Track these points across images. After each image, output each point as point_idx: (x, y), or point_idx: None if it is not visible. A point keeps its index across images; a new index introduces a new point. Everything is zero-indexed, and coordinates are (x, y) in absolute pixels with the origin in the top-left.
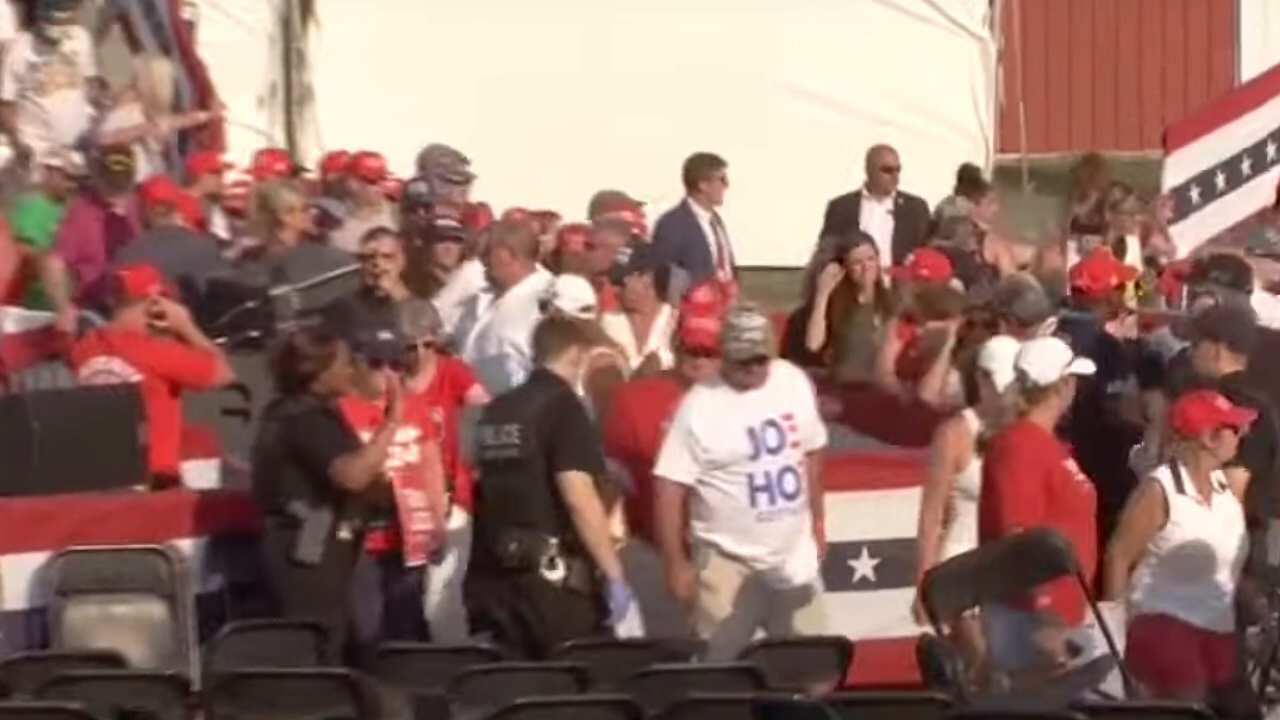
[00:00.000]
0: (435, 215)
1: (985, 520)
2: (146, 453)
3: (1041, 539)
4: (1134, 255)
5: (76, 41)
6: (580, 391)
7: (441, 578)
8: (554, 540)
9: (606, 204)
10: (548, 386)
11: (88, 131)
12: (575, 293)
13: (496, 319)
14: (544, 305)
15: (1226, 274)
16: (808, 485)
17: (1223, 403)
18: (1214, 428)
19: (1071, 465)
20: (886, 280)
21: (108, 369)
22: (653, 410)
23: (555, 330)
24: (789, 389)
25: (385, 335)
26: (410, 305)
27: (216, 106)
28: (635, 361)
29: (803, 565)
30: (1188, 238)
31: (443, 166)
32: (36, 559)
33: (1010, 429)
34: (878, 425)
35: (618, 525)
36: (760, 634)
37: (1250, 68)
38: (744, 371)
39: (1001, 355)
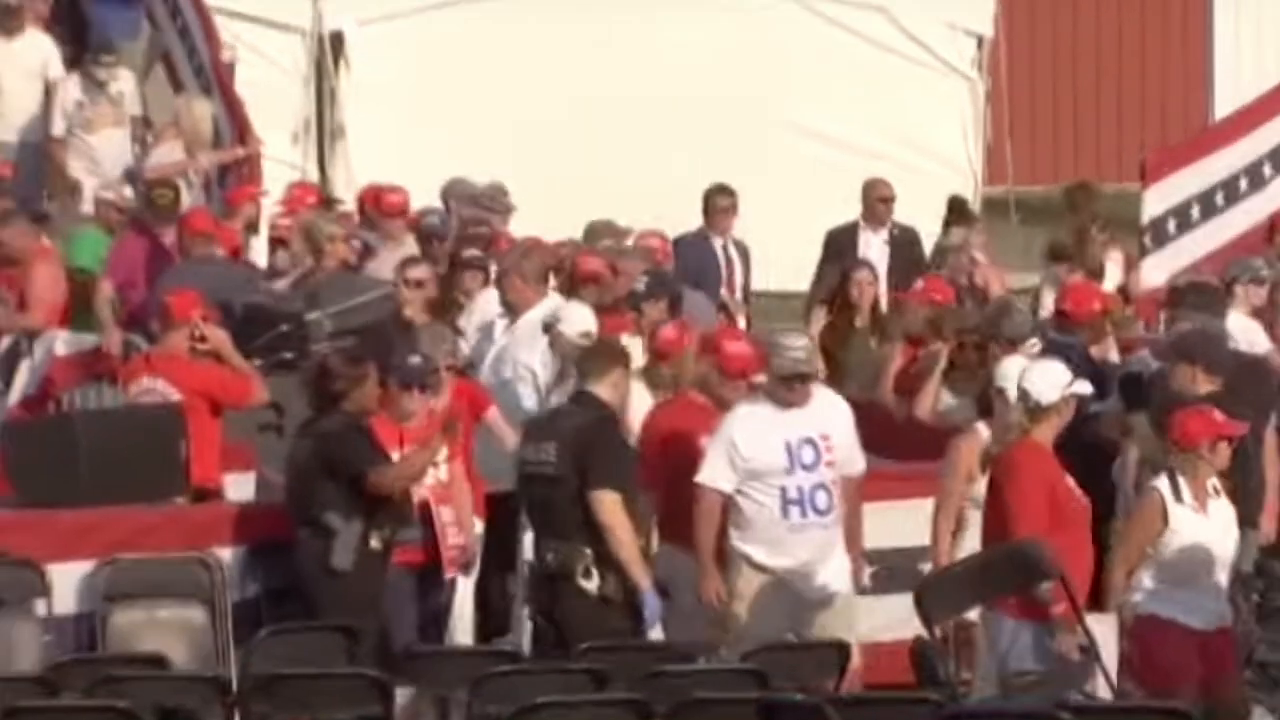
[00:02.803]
0: (458, 245)
1: (990, 532)
2: (187, 467)
3: (1026, 548)
4: (1113, 282)
5: (122, 82)
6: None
7: (464, 584)
8: (589, 551)
9: (599, 232)
10: (587, 408)
11: (133, 166)
12: (578, 318)
13: (511, 343)
14: (547, 328)
15: (1202, 299)
16: (847, 510)
17: (1219, 416)
18: (1211, 440)
19: (1070, 481)
20: (884, 304)
21: (152, 389)
22: (686, 429)
23: (599, 353)
24: (829, 412)
25: (415, 360)
26: (430, 329)
27: (253, 142)
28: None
29: (833, 578)
30: (1165, 266)
31: (488, 198)
32: (84, 567)
33: (1014, 446)
34: (874, 441)
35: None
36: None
37: (1224, 105)
38: (787, 388)
39: (1015, 374)
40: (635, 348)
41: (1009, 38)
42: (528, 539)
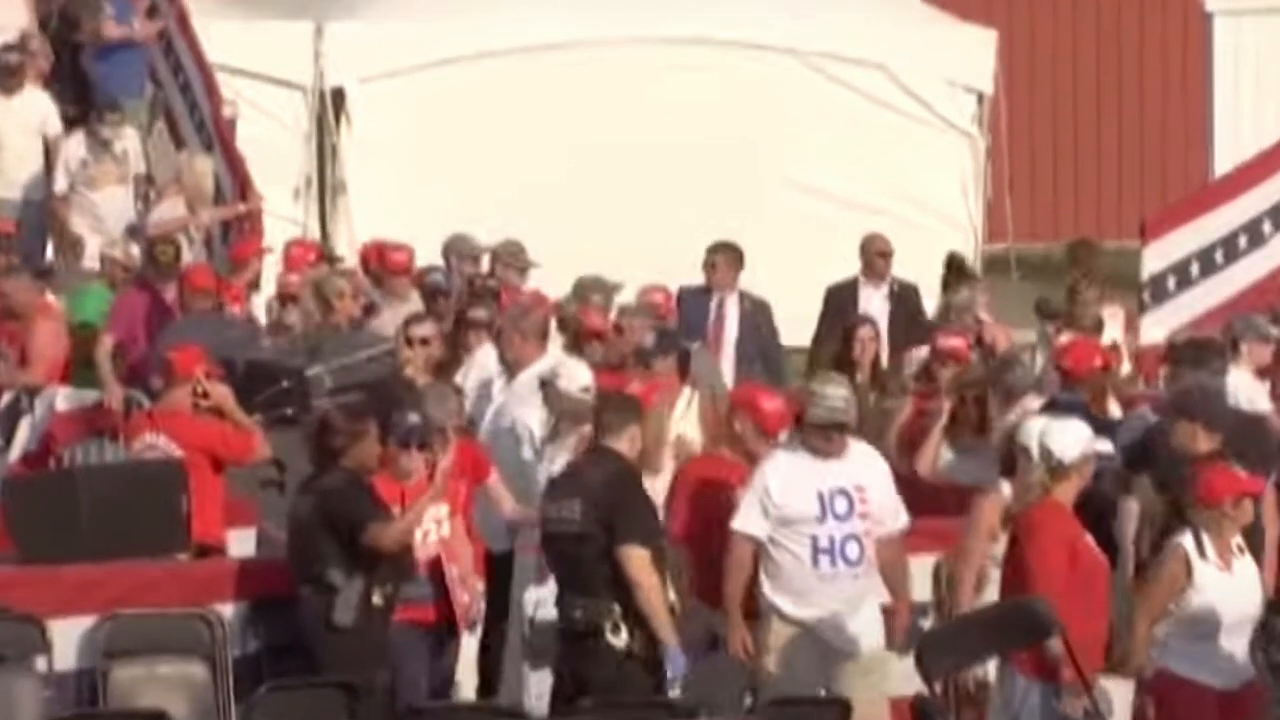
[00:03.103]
0: (464, 303)
1: (1008, 590)
2: (188, 523)
3: (1028, 604)
4: (1111, 339)
5: (127, 140)
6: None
7: (469, 642)
8: (616, 607)
9: (588, 288)
10: (607, 462)
11: (135, 222)
12: (576, 374)
13: (510, 400)
14: (544, 384)
15: (1201, 356)
16: (893, 565)
17: (1242, 473)
18: (1235, 497)
19: (1090, 540)
20: (884, 360)
21: (154, 445)
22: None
23: (617, 407)
24: (866, 465)
25: (413, 419)
26: (435, 389)
27: (255, 198)
28: None
29: (864, 631)
30: (1165, 323)
31: (508, 254)
32: (85, 622)
33: (1035, 505)
34: None
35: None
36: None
37: (1223, 163)
38: (824, 437)
39: (1038, 433)
40: None
41: (1009, 95)
42: (528, 596)
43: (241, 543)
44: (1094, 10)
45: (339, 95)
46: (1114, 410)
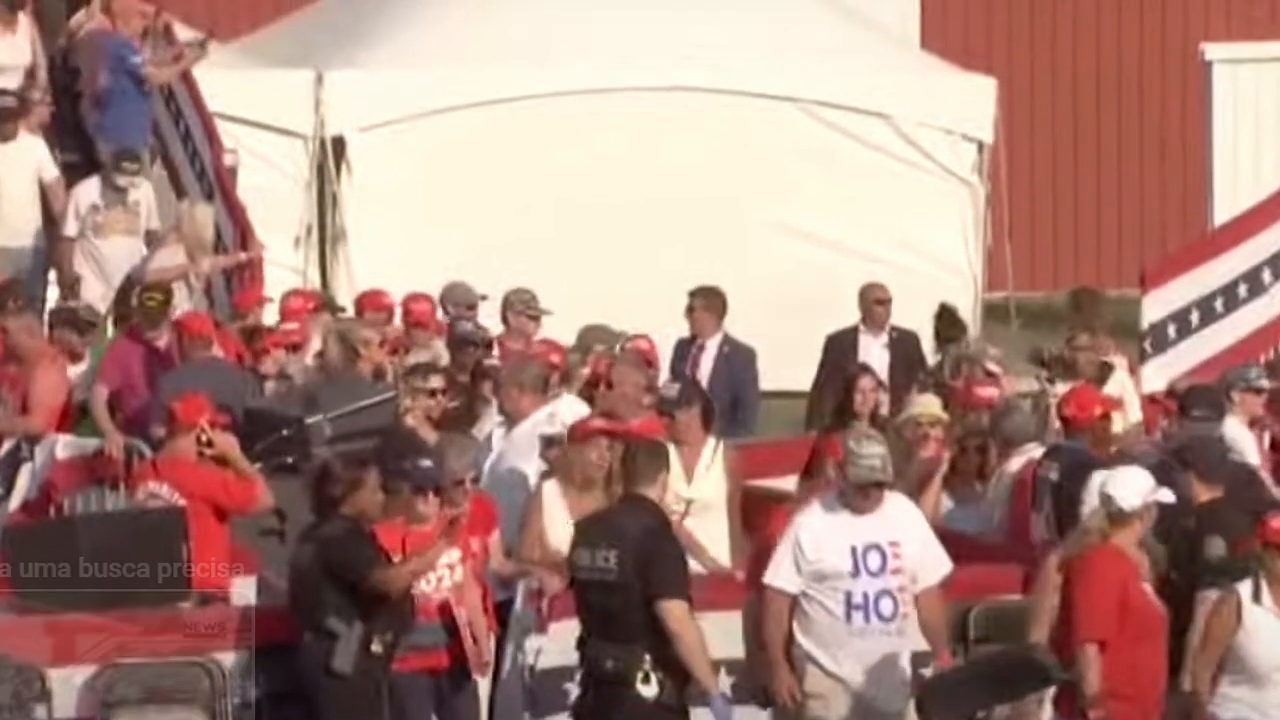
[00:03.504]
0: (487, 354)
1: (1060, 634)
2: (189, 571)
3: (1029, 652)
4: (1118, 386)
5: (141, 192)
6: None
7: (482, 686)
8: (648, 657)
9: (592, 337)
10: (641, 512)
11: (133, 270)
12: (576, 413)
13: (508, 451)
14: (549, 441)
15: (1201, 405)
16: (930, 616)
17: None
18: None
19: (1148, 589)
20: (884, 409)
21: (157, 494)
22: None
23: (648, 456)
24: (901, 519)
25: (426, 463)
26: (456, 442)
27: (256, 247)
28: (684, 491)
29: (896, 689)
30: (1165, 371)
31: (522, 304)
32: (85, 671)
33: (1092, 549)
34: None
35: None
36: None
37: (1223, 211)
38: (861, 495)
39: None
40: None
41: (1009, 143)
42: (529, 645)
43: (242, 591)
44: (1094, 59)
45: (339, 144)
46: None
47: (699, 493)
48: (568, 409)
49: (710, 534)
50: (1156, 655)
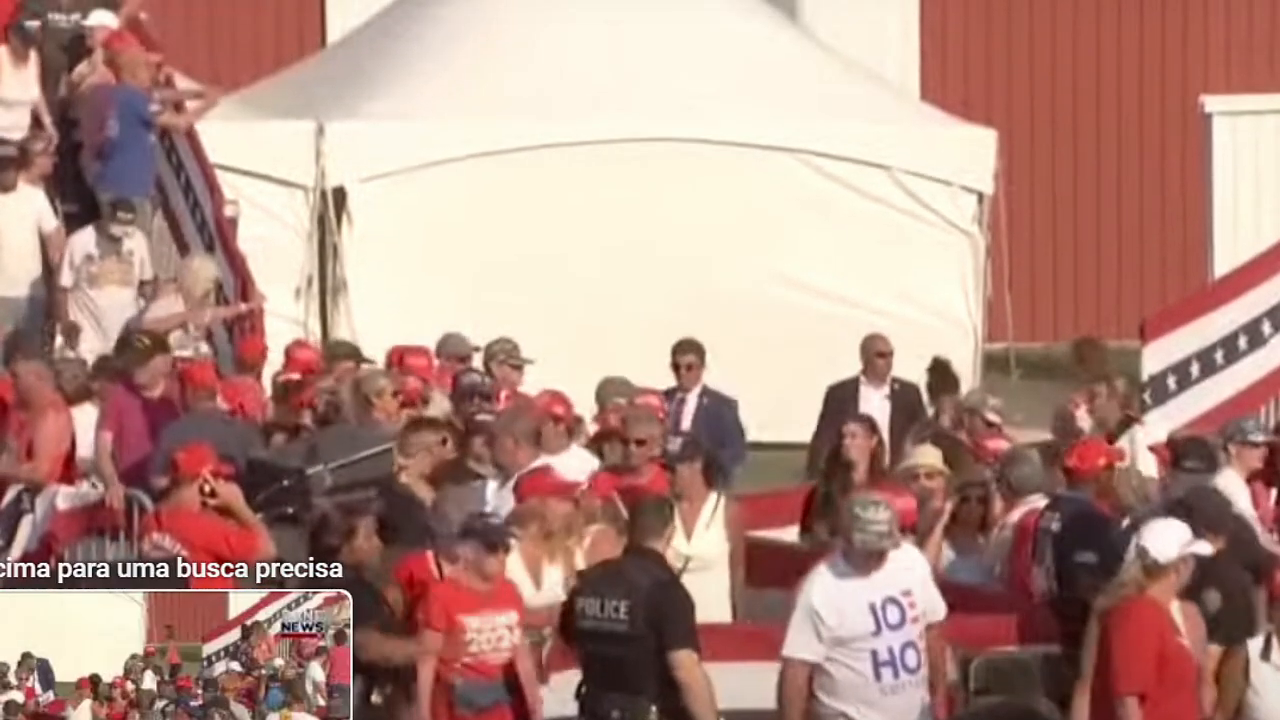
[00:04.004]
0: (484, 408)
1: (1097, 686)
2: None
3: (1030, 704)
4: (1137, 440)
5: (134, 242)
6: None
7: None
8: (654, 708)
9: (609, 390)
10: (649, 565)
11: (131, 320)
12: (582, 467)
13: (503, 504)
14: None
15: (1193, 457)
16: (929, 657)
17: None
18: None
19: (1184, 641)
20: (886, 459)
21: (160, 544)
22: None
23: (658, 509)
24: (907, 567)
25: (496, 520)
26: (455, 494)
27: (256, 298)
28: (683, 547)
29: None
30: (1165, 423)
31: (505, 353)
32: None
33: (1128, 600)
34: None
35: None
36: None
37: (1222, 264)
38: (870, 560)
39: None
40: None
41: (1009, 194)
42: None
43: None
44: (1093, 111)
45: (340, 194)
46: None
47: (698, 549)
48: (575, 462)
49: (711, 592)
50: (1191, 705)
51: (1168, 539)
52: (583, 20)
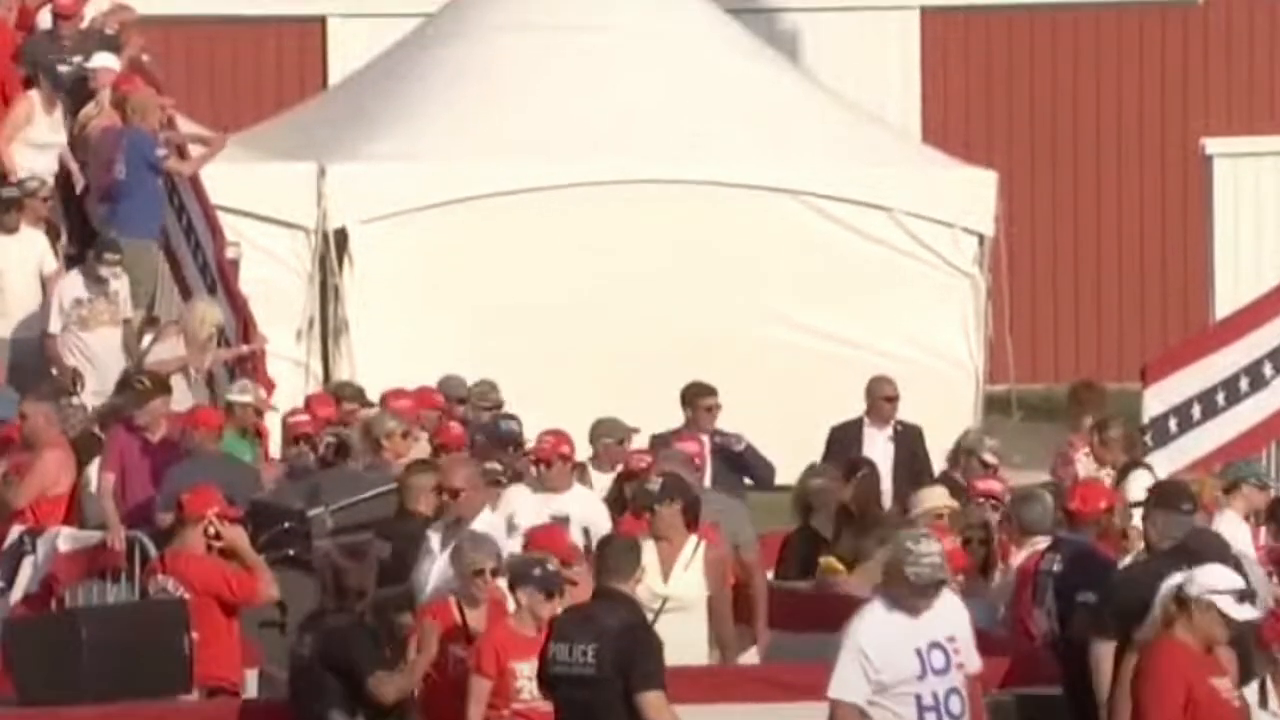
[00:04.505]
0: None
1: None
2: (191, 664)
3: None
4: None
5: (120, 282)
6: None
7: None
8: None
9: (600, 430)
10: (617, 607)
11: (132, 362)
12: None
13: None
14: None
15: (1191, 499)
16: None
17: None
18: None
19: (1221, 683)
20: (887, 503)
21: (164, 586)
22: None
23: (628, 550)
24: (952, 612)
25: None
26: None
27: (258, 339)
28: (659, 588)
29: None
30: (1166, 465)
31: (478, 394)
32: None
33: (1156, 643)
34: None
35: None
36: None
37: (1224, 306)
38: (922, 596)
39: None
40: (648, 550)
41: (1010, 236)
42: None
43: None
44: (1094, 153)
45: (341, 236)
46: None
47: (675, 590)
48: (578, 501)
49: (688, 634)
50: None
51: (1204, 583)
52: (584, 62)
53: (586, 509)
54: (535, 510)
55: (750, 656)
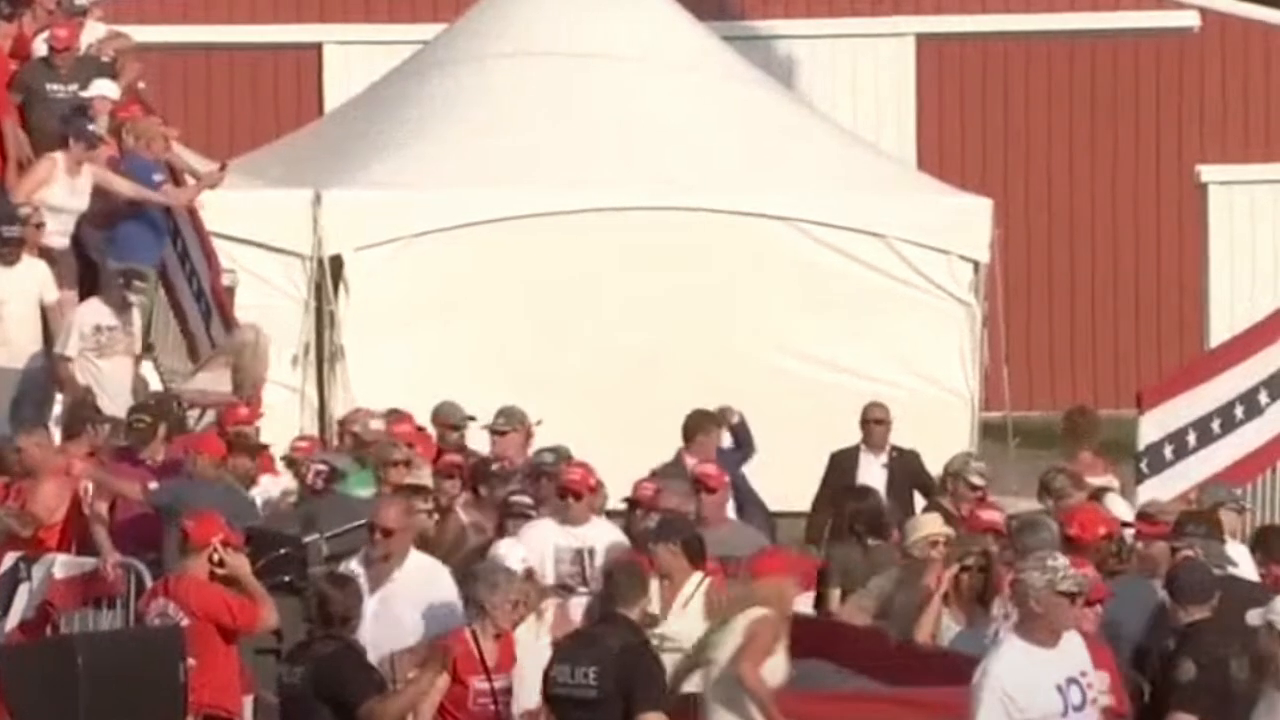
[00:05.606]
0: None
1: None
2: (186, 690)
3: None
4: (1121, 509)
5: (138, 313)
6: None
7: None
8: None
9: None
10: (620, 630)
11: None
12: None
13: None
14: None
15: (1200, 528)
16: None
17: None
18: None
19: None
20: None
21: (163, 612)
22: None
23: (634, 576)
24: (1077, 647)
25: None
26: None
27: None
28: (661, 626)
29: None
30: (1161, 493)
31: (444, 414)
32: None
33: None
34: (874, 666)
35: None
36: None
37: (1219, 333)
38: (1064, 622)
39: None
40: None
41: (1005, 264)
42: None
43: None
44: (1089, 181)
45: (337, 263)
46: None
47: (674, 629)
48: (597, 532)
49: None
50: None
51: None
52: (579, 89)
53: (609, 541)
54: (558, 541)
55: None
